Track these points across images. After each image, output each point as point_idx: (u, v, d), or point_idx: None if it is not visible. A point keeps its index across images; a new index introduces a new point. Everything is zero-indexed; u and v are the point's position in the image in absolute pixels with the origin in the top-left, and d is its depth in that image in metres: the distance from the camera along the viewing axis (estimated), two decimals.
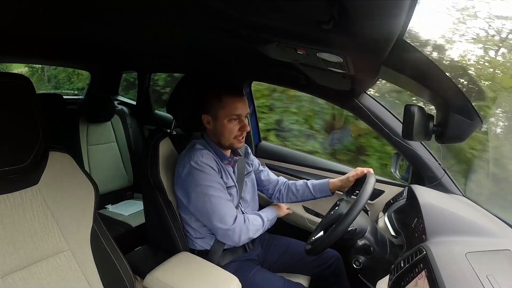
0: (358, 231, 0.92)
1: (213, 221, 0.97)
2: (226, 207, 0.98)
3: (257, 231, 1.04)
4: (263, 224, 1.06)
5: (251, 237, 1.02)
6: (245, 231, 1.00)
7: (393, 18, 0.47)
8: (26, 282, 0.69)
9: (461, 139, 0.81)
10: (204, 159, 0.99)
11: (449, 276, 0.59)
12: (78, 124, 1.86)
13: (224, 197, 1.00)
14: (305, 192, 1.22)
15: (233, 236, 0.98)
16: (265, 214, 1.10)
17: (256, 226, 1.03)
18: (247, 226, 1.00)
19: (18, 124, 0.67)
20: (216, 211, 0.97)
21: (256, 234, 1.04)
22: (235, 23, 0.74)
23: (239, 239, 0.99)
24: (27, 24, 1.07)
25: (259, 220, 1.06)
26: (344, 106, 1.36)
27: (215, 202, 0.97)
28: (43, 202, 0.76)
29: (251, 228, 1.02)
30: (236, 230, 0.98)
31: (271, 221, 1.11)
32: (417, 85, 0.79)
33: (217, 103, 1.01)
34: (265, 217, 1.09)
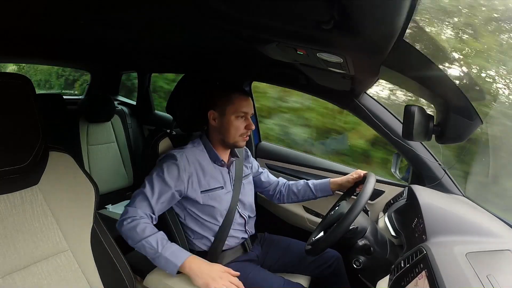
0: (359, 230, 0.93)
1: (134, 194, 0.98)
2: (136, 197, 0.96)
3: (133, 240, 0.90)
4: (141, 240, 0.89)
5: (128, 241, 0.92)
6: (121, 224, 0.92)
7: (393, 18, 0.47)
8: (26, 282, 0.69)
9: (461, 139, 0.81)
10: (179, 156, 0.99)
11: (449, 276, 0.59)
12: (78, 124, 1.86)
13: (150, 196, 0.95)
14: (306, 192, 1.23)
15: (121, 216, 0.94)
16: (167, 245, 0.90)
17: (134, 233, 0.90)
18: (123, 225, 0.92)
19: (18, 124, 0.67)
20: (138, 191, 0.97)
21: (135, 245, 0.91)
22: (235, 23, 0.74)
23: (117, 224, 0.93)
24: (27, 24, 1.07)
25: (145, 233, 0.89)
26: (344, 106, 1.36)
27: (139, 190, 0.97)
28: (43, 202, 0.76)
29: (131, 229, 0.90)
30: (123, 211, 0.94)
31: (164, 260, 0.87)
32: (417, 85, 0.79)
33: (225, 100, 1.02)
34: (160, 244, 0.89)
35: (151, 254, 0.89)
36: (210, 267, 0.89)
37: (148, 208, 0.96)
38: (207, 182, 1.04)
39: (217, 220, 1.06)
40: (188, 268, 0.87)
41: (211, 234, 1.06)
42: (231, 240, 1.09)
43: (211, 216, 1.05)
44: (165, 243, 0.90)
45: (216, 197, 1.05)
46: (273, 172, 1.62)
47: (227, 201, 1.08)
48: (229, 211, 1.08)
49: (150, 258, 0.90)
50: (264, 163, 1.66)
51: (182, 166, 0.99)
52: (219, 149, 1.08)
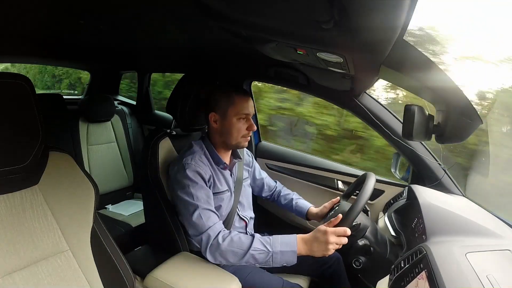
0: (361, 227, 0.92)
1: (188, 226, 0.95)
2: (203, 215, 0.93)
3: (236, 255, 0.87)
4: (248, 250, 0.86)
5: (229, 260, 0.88)
6: (216, 247, 0.88)
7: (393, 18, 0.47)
8: (26, 282, 0.69)
9: (461, 139, 0.81)
10: (194, 163, 0.97)
11: (449, 276, 0.60)
12: (78, 124, 1.86)
13: (204, 207, 0.94)
14: (288, 207, 1.27)
15: (202, 245, 0.91)
16: (272, 241, 0.88)
17: (235, 248, 0.87)
18: (220, 245, 0.88)
19: (18, 124, 0.67)
20: (190, 217, 0.93)
21: (238, 261, 0.87)
22: (235, 23, 0.73)
23: (207, 252, 0.89)
24: (27, 24, 1.07)
25: (245, 243, 0.87)
26: (344, 106, 1.36)
27: (193, 211, 0.93)
28: (43, 202, 0.76)
29: (228, 248, 0.87)
30: (204, 239, 0.90)
31: (280, 255, 0.86)
32: (417, 85, 0.79)
33: (227, 102, 1.01)
34: (266, 244, 0.87)
35: (263, 258, 0.87)
36: (314, 242, 0.87)
37: (215, 217, 0.94)
38: (219, 185, 1.04)
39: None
40: (302, 250, 0.87)
41: None
42: None
43: None
44: (267, 239, 0.89)
45: (221, 200, 1.05)
46: (273, 172, 1.62)
47: (229, 204, 1.08)
48: (229, 213, 1.08)
49: (263, 262, 0.87)
50: (264, 163, 1.66)
51: (200, 169, 0.98)
52: (221, 151, 1.08)
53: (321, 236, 0.86)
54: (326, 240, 0.84)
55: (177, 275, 0.93)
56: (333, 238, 0.84)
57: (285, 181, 1.57)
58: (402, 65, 0.73)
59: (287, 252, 0.87)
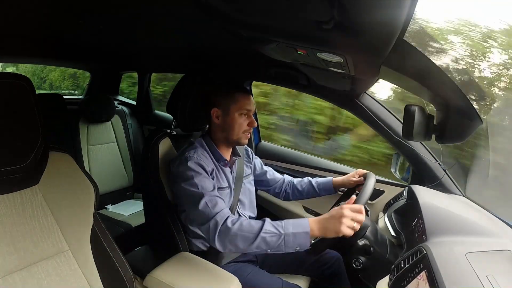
0: (363, 225, 0.92)
1: (194, 216, 0.92)
2: (209, 203, 0.90)
3: (246, 239, 0.82)
4: (259, 233, 0.82)
5: (238, 246, 0.83)
6: (225, 232, 0.84)
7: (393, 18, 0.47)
8: (26, 282, 0.69)
9: (461, 139, 0.81)
10: (196, 156, 0.98)
11: (449, 276, 0.60)
12: (78, 124, 1.86)
13: (209, 196, 0.91)
14: (310, 191, 1.24)
15: (210, 233, 0.86)
16: (283, 223, 0.84)
17: (245, 232, 0.83)
18: (230, 229, 0.84)
19: (18, 124, 0.67)
20: (196, 207, 0.89)
21: (248, 246, 0.83)
22: (235, 23, 0.74)
23: (215, 239, 0.84)
24: (27, 24, 1.07)
25: (255, 227, 0.83)
26: (345, 106, 1.36)
27: (198, 199, 0.90)
28: (43, 202, 0.76)
29: (238, 232, 0.83)
30: (211, 226, 0.85)
31: (292, 237, 0.82)
32: (417, 85, 0.79)
33: (229, 97, 1.03)
34: (277, 226, 0.83)
35: (275, 242, 0.81)
36: (328, 219, 0.82)
37: (222, 203, 0.91)
38: (219, 181, 1.05)
39: None
40: (316, 230, 0.82)
41: None
42: None
43: None
44: (278, 222, 0.84)
45: (222, 197, 1.04)
46: None
47: (229, 201, 1.08)
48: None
49: (275, 246, 0.82)
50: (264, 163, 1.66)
51: (203, 162, 0.98)
52: (221, 148, 1.08)
53: (335, 212, 0.81)
54: (341, 214, 0.79)
55: (177, 275, 0.93)
56: (349, 212, 0.79)
57: None
58: (402, 66, 0.73)
59: (300, 234, 0.82)
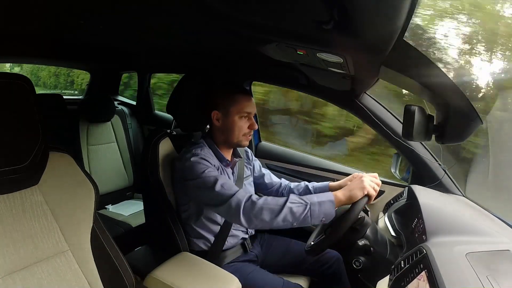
0: (365, 221, 0.92)
1: (211, 200, 0.91)
2: (225, 185, 0.90)
3: (272, 212, 0.83)
4: (285, 203, 0.82)
5: (264, 219, 0.83)
6: (250, 206, 0.83)
7: (393, 19, 0.47)
8: (26, 282, 0.69)
9: (461, 139, 0.81)
10: (203, 153, 0.99)
11: (449, 276, 0.60)
12: (78, 124, 1.86)
13: (223, 180, 0.92)
14: (306, 194, 1.22)
15: (232, 211, 0.85)
16: (307, 196, 0.86)
17: (271, 205, 0.83)
18: (255, 203, 0.84)
19: (18, 124, 0.67)
20: (212, 189, 0.89)
21: (275, 219, 0.82)
22: (235, 23, 0.74)
23: (240, 214, 0.84)
24: (27, 24, 1.07)
25: (280, 200, 0.84)
26: (344, 106, 1.36)
27: (213, 184, 0.90)
28: (43, 202, 0.76)
29: (264, 206, 0.83)
30: (233, 204, 0.85)
31: (317, 206, 0.83)
32: (417, 85, 0.79)
33: (229, 100, 1.02)
34: (302, 198, 0.84)
35: (301, 212, 0.83)
36: (349, 185, 0.90)
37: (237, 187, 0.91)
38: None
39: (219, 220, 1.06)
40: (341, 196, 0.86)
41: (212, 235, 1.06)
42: (231, 239, 1.09)
43: (214, 216, 1.05)
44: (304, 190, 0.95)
45: None
46: (273, 172, 1.62)
47: None
48: None
49: (301, 218, 0.83)
50: (264, 163, 1.66)
51: (209, 159, 0.98)
52: (222, 149, 1.08)
53: (356, 180, 0.90)
54: (361, 176, 0.89)
55: (177, 275, 0.93)
56: (369, 178, 0.88)
57: None
58: (402, 66, 0.73)
59: (325, 203, 0.84)
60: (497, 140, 1.10)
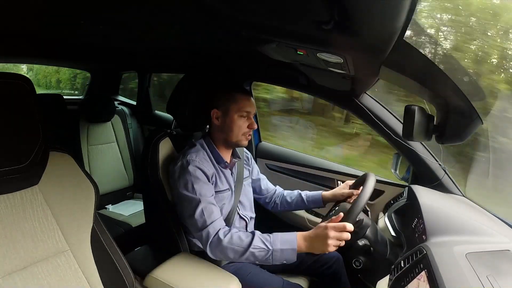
0: (364, 223, 0.92)
1: (190, 222, 0.95)
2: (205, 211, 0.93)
3: (236, 252, 0.88)
4: (248, 248, 0.87)
5: (229, 256, 0.90)
6: (216, 243, 0.89)
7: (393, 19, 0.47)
8: (26, 282, 0.69)
9: (461, 139, 0.81)
10: (198, 160, 0.98)
11: (449, 276, 0.60)
12: (78, 124, 1.86)
13: (205, 203, 0.94)
14: (299, 203, 1.25)
15: (202, 242, 0.92)
16: (272, 239, 0.89)
17: (235, 246, 0.88)
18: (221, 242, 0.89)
19: (18, 124, 0.67)
20: (192, 213, 0.93)
21: (238, 258, 0.89)
22: (235, 23, 0.74)
23: (207, 248, 0.90)
24: (27, 24, 1.07)
25: (245, 241, 0.88)
26: (345, 107, 1.36)
27: (195, 207, 0.93)
28: (43, 202, 0.76)
29: (228, 245, 0.88)
30: (204, 236, 0.90)
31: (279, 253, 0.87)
32: (417, 85, 0.79)
33: (229, 99, 1.03)
34: (265, 242, 0.88)
35: (263, 256, 0.87)
36: (314, 239, 0.86)
37: (217, 212, 0.94)
38: (220, 183, 1.05)
39: None
40: (303, 247, 0.87)
41: None
42: None
43: None
44: (267, 237, 0.89)
45: (222, 199, 1.05)
46: (273, 172, 1.62)
47: (230, 203, 1.08)
48: (229, 213, 1.08)
49: (263, 259, 0.88)
50: (264, 163, 1.66)
51: (203, 167, 0.98)
52: (221, 149, 1.08)
53: (321, 232, 0.85)
54: (326, 235, 0.83)
55: (177, 275, 0.93)
56: (333, 233, 0.82)
57: (285, 181, 1.57)
58: (402, 66, 0.73)
59: (287, 250, 0.87)
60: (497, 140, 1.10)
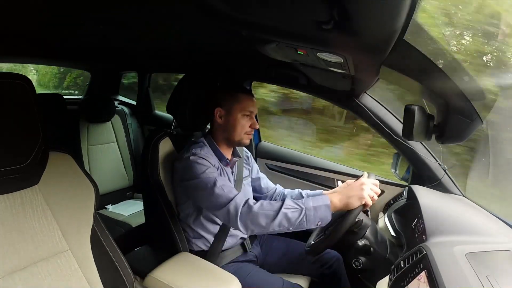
0: (363, 224, 0.92)
1: (210, 202, 0.91)
2: (224, 188, 0.91)
3: (268, 217, 0.83)
4: (281, 209, 0.83)
5: (261, 224, 0.84)
6: (247, 212, 0.84)
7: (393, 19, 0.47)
8: (26, 282, 0.69)
9: (461, 139, 0.81)
10: (203, 153, 0.99)
11: (449, 276, 0.60)
12: (78, 124, 1.86)
13: (223, 182, 0.93)
14: None
15: (231, 216, 0.87)
16: (303, 200, 0.85)
17: (267, 210, 0.84)
18: (251, 208, 0.85)
19: (18, 124, 0.67)
20: (211, 192, 0.90)
21: (270, 224, 0.83)
22: (235, 23, 0.74)
23: (237, 220, 0.85)
24: (27, 24, 1.07)
25: (276, 205, 0.85)
26: (345, 106, 1.36)
27: (213, 185, 0.91)
28: (43, 202, 0.76)
29: (259, 211, 0.84)
30: (231, 208, 0.86)
31: (313, 211, 0.83)
32: (417, 85, 0.79)
33: (233, 98, 1.04)
34: (297, 203, 0.84)
35: (296, 218, 0.83)
36: (348, 188, 0.87)
37: (235, 190, 0.92)
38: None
39: (218, 221, 1.06)
40: (337, 202, 0.85)
41: (211, 235, 1.06)
42: (230, 239, 1.09)
43: (213, 217, 1.05)
44: (298, 200, 0.86)
45: None
46: (273, 172, 1.62)
47: None
48: None
49: (296, 223, 0.83)
50: (264, 163, 1.66)
51: (209, 160, 0.98)
52: (223, 148, 1.09)
53: (355, 185, 0.86)
54: (361, 182, 0.85)
55: (177, 275, 0.93)
56: (369, 182, 0.85)
57: (285, 181, 1.57)
58: (402, 65, 0.73)
59: (321, 207, 0.83)
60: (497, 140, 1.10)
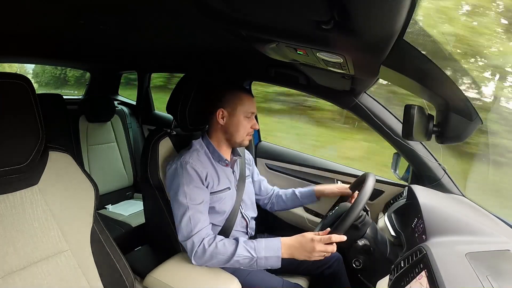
0: (366, 220, 0.93)
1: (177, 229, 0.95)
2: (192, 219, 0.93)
3: (220, 261, 0.90)
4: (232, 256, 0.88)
5: (214, 264, 0.91)
6: (201, 253, 0.89)
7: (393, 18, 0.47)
8: (26, 282, 0.69)
9: (461, 139, 0.81)
10: (191, 161, 0.98)
11: (449, 276, 0.60)
12: (78, 124, 1.86)
13: (195, 209, 0.94)
14: (293, 200, 1.27)
15: (188, 251, 0.92)
16: (256, 246, 0.90)
17: (220, 255, 0.89)
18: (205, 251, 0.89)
19: (18, 124, 0.67)
20: (180, 219, 0.93)
21: (223, 264, 0.91)
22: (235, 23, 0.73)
23: (192, 258, 0.91)
24: (27, 24, 1.07)
25: (229, 249, 0.89)
26: (344, 106, 1.36)
27: (183, 214, 0.93)
28: (43, 202, 0.76)
29: (213, 254, 0.89)
30: (189, 245, 0.91)
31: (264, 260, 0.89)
32: (417, 85, 0.79)
33: (236, 100, 1.03)
34: (250, 249, 0.89)
35: (247, 263, 0.89)
36: (301, 247, 0.88)
37: (204, 220, 0.95)
38: (217, 183, 1.04)
39: (219, 222, 1.06)
40: (287, 254, 0.89)
41: None
42: None
43: (213, 218, 1.05)
44: (251, 244, 0.91)
45: (221, 199, 1.04)
46: (273, 172, 1.62)
47: (231, 203, 1.08)
48: (231, 212, 1.07)
49: (247, 266, 0.90)
50: (264, 163, 1.66)
51: (197, 168, 0.98)
52: (222, 148, 1.08)
53: (306, 243, 0.87)
54: (312, 248, 0.86)
55: (177, 275, 0.93)
56: (319, 246, 0.85)
57: (285, 181, 1.57)
58: (402, 65, 0.73)
59: (271, 257, 0.89)
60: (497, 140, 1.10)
